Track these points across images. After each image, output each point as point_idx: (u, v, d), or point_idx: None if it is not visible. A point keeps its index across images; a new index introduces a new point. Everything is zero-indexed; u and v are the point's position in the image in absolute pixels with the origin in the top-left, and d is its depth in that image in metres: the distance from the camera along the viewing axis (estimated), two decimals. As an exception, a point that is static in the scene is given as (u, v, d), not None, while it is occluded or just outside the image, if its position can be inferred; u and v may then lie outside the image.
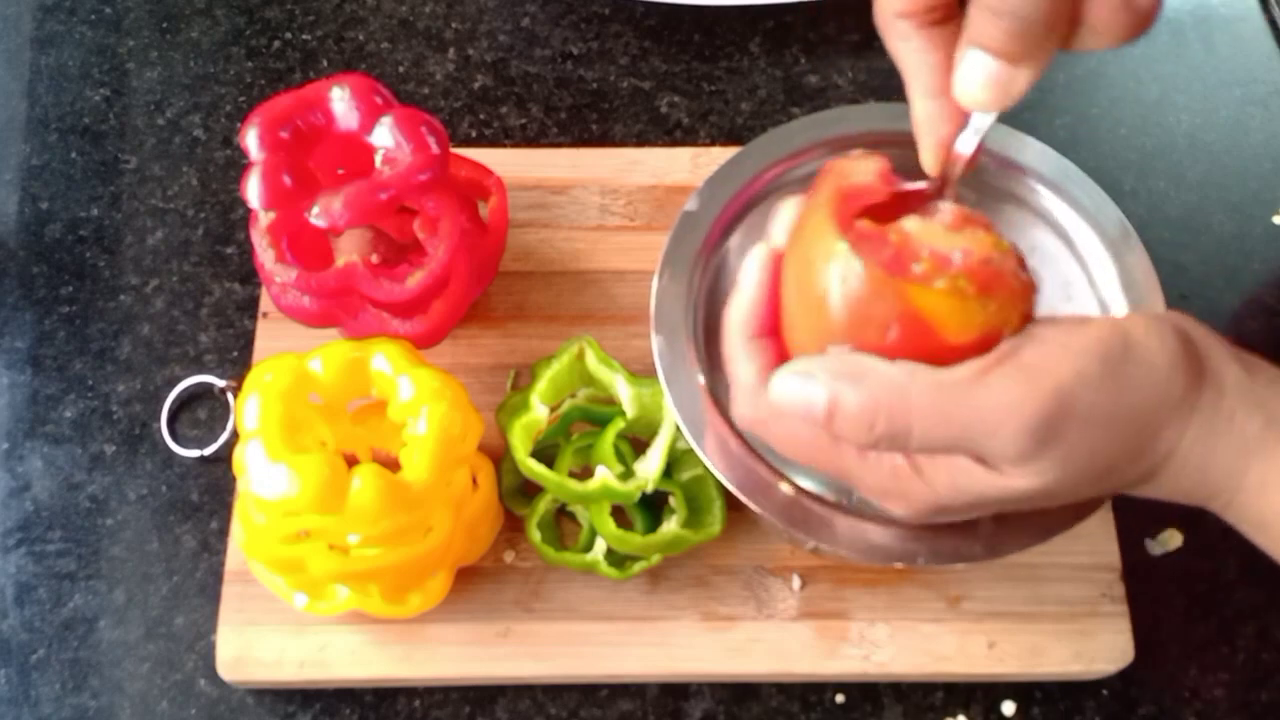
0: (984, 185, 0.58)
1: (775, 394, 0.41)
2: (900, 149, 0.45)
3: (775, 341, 0.44)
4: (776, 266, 0.43)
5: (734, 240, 0.57)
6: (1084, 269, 0.57)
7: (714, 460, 0.51)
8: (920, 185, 0.44)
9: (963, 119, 0.42)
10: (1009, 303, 0.40)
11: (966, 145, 0.42)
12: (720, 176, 0.57)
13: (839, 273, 0.40)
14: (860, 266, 0.39)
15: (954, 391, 0.39)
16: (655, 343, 0.53)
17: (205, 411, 0.63)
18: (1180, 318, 0.43)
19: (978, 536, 0.50)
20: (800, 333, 0.43)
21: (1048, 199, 0.57)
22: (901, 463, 0.42)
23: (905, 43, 0.42)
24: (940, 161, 0.43)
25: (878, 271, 0.39)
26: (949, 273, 0.40)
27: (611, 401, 0.59)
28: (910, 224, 0.42)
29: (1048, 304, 0.59)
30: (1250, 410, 0.41)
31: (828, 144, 0.58)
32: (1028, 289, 0.42)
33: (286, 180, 0.55)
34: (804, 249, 0.42)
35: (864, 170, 0.43)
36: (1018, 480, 0.40)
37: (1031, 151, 0.58)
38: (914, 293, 0.39)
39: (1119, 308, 0.55)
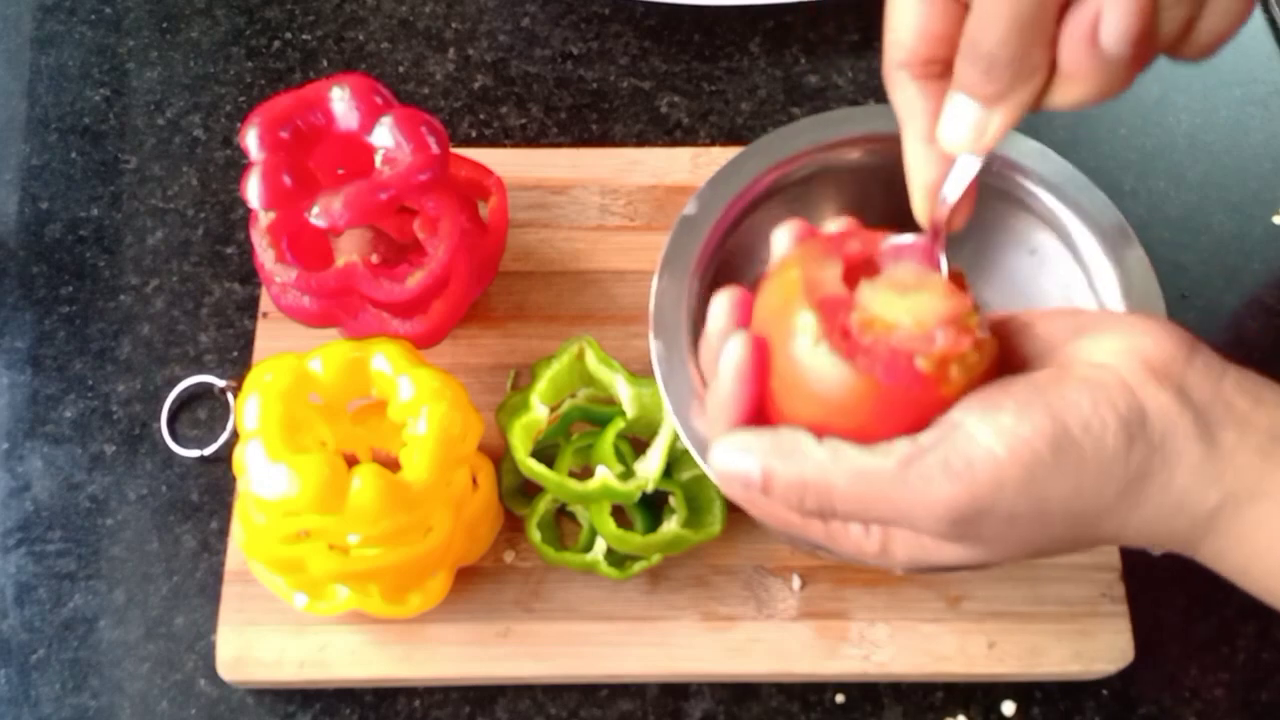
0: (984, 186, 0.58)
1: (714, 463, 0.42)
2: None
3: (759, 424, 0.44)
4: (758, 356, 0.42)
5: (733, 243, 0.57)
6: (1084, 270, 0.57)
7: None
8: (894, 242, 0.43)
9: (949, 165, 0.43)
10: (989, 357, 0.41)
11: (952, 191, 0.44)
12: (719, 179, 0.57)
13: (854, 394, 0.39)
14: (872, 386, 0.39)
15: (874, 481, 0.40)
16: (654, 347, 0.53)
17: (205, 411, 0.63)
18: (1146, 376, 0.40)
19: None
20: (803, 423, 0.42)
21: (1048, 200, 0.57)
22: (862, 531, 0.43)
23: (902, 91, 0.44)
24: (930, 207, 0.44)
25: (908, 390, 0.39)
26: (945, 356, 0.40)
27: (611, 401, 0.59)
28: (869, 298, 0.41)
29: (1048, 305, 0.59)
30: (1202, 491, 0.39)
31: (828, 146, 0.58)
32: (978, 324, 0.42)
33: (286, 180, 0.55)
34: (802, 369, 0.40)
35: (831, 279, 0.42)
36: (951, 552, 0.41)
37: (1031, 152, 0.58)
38: (936, 391, 0.40)
39: (1119, 308, 0.55)
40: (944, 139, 0.42)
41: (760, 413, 0.43)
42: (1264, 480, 0.39)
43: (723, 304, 0.44)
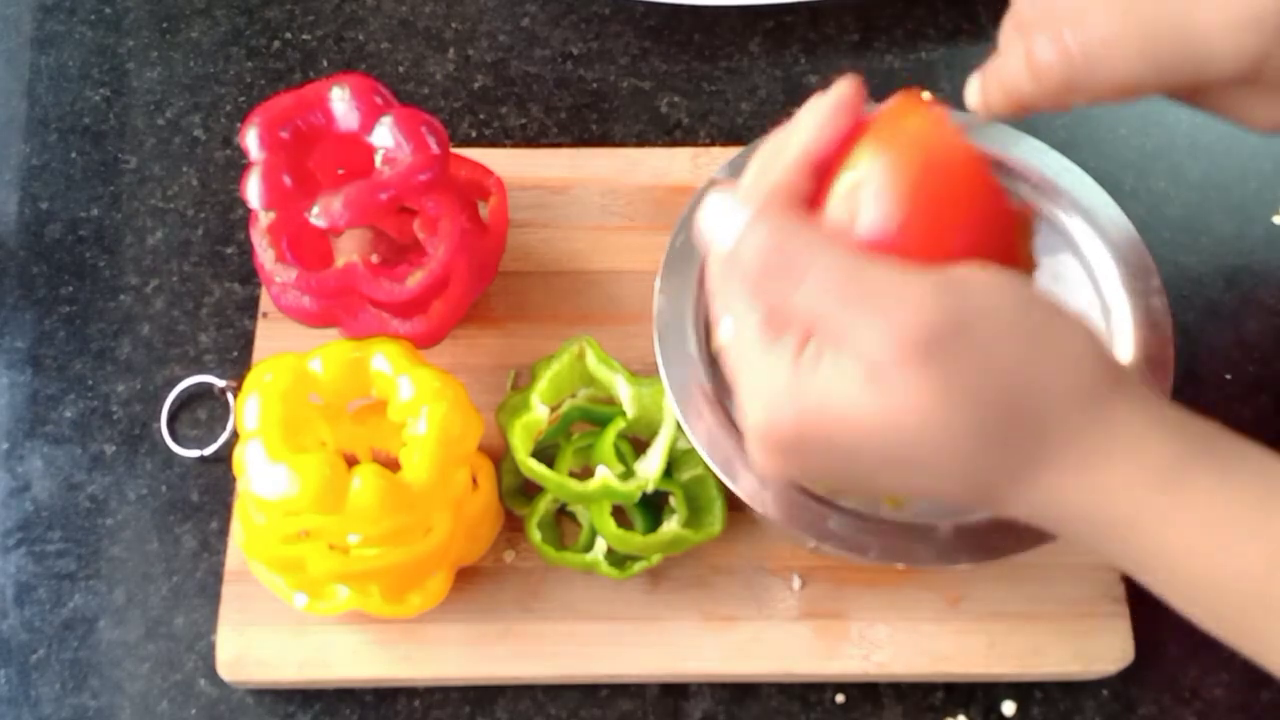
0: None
1: (703, 209, 0.42)
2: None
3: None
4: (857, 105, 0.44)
5: None
6: (1085, 269, 0.57)
7: (707, 450, 0.51)
8: None
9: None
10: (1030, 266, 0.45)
11: None
12: (753, 151, 0.57)
13: (957, 173, 0.41)
14: (978, 175, 0.41)
15: (870, 263, 0.39)
16: (657, 301, 0.53)
17: (205, 411, 0.63)
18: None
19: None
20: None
21: (1048, 199, 0.57)
22: (791, 352, 0.40)
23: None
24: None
25: (999, 198, 0.42)
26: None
27: (611, 401, 0.59)
28: None
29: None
30: (1165, 436, 0.39)
31: None
32: None
33: (286, 180, 0.55)
34: (926, 136, 0.42)
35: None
36: (890, 394, 0.38)
37: (1032, 151, 0.58)
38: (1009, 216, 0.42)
39: (1121, 308, 0.55)
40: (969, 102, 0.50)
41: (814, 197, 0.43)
42: (1217, 451, 0.40)
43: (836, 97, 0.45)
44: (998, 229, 0.42)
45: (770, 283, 0.40)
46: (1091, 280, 0.56)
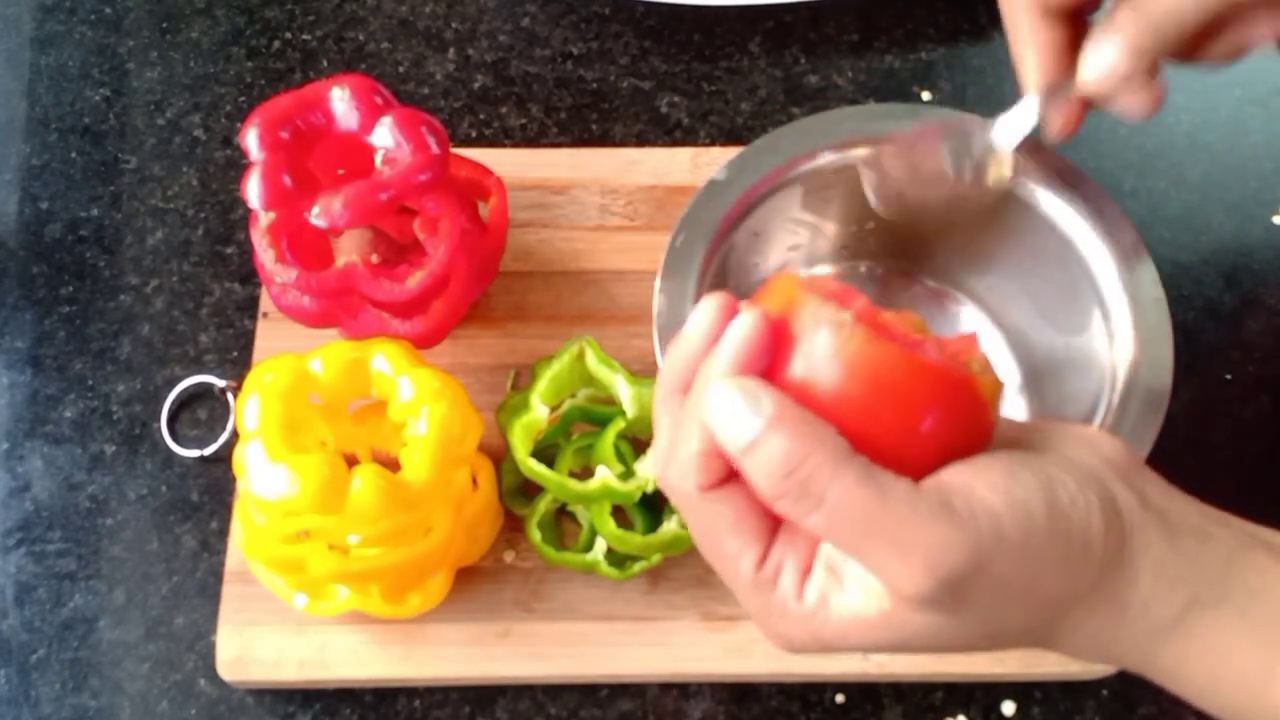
0: (1032, 210, 0.58)
1: (719, 390, 0.37)
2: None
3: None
4: (775, 337, 0.38)
5: (752, 220, 0.58)
6: (1085, 270, 0.57)
7: None
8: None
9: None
10: (999, 396, 0.39)
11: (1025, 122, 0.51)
12: (751, 153, 0.58)
13: (889, 380, 0.37)
14: (915, 367, 0.36)
15: (889, 496, 0.36)
16: (657, 301, 0.53)
17: (205, 411, 0.63)
18: (1111, 473, 0.39)
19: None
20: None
21: (1049, 200, 0.57)
22: (793, 592, 0.39)
23: (1037, 33, 0.49)
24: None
25: (950, 380, 0.37)
26: (981, 358, 0.38)
27: (611, 401, 0.59)
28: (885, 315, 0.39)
29: (1048, 306, 0.59)
30: (1168, 593, 0.38)
31: (871, 140, 0.58)
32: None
33: (286, 180, 0.55)
34: (831, 357, 0.37)
35: (829, 287, 0.39)
36: (907, 624, 0.38)
37: (1076, 178, 0.58)
38: (973, 389, 0.37)
39: (1121, 308, 0.55)
40: (1086, 76, 0.47)
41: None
42: (1227, 586, 0.39)
43: (711, 307, 0.39)
44: (953, 415, 0.38)
45: (786, 503, 0.37)
46: (1091, 280, 0.56)
